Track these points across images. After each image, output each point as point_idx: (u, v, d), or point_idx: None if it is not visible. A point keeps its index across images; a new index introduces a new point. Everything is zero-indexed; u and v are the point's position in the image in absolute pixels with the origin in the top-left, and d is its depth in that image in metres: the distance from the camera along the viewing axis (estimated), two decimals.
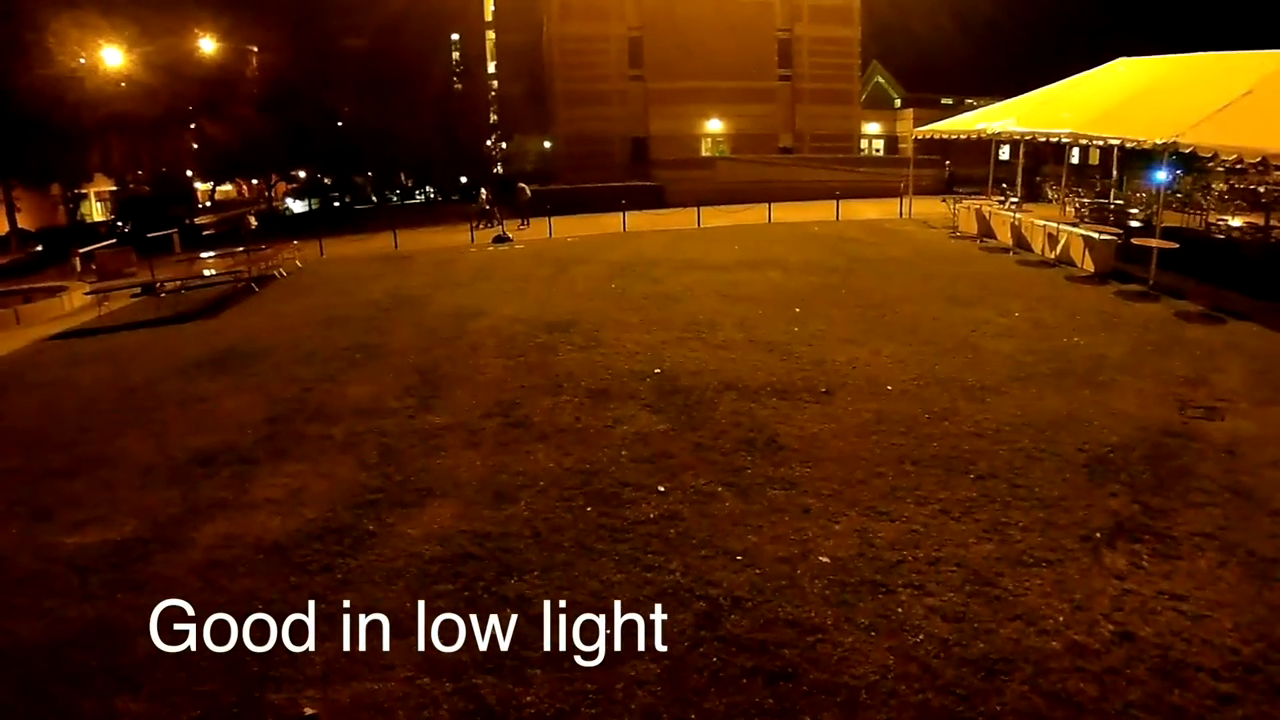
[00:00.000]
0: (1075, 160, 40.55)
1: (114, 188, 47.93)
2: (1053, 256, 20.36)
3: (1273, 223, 20.51)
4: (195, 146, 44.64)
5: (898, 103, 54.73)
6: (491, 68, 58.11)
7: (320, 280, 22.74)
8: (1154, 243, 16.99)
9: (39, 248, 37.88)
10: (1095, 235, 19.04)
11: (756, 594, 6.23)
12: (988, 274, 18.72)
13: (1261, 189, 23.60)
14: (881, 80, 55.40)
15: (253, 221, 34.43)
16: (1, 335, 19.31)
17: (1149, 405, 9.85)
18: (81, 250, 29.47)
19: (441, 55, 53.93)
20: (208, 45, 41.46)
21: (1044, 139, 22.63)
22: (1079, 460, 8.33)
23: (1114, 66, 23.42)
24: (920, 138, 28.89)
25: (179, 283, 22.87)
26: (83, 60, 35.81)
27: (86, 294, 22.77)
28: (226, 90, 42.05)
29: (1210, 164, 24.99)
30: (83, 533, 8.18)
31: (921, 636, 5.66)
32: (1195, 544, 6.78)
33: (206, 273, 23.83)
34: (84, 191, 47.25)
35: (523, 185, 34.70)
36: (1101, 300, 15.61)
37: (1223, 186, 26.82)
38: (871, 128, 52.79)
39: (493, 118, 56.33)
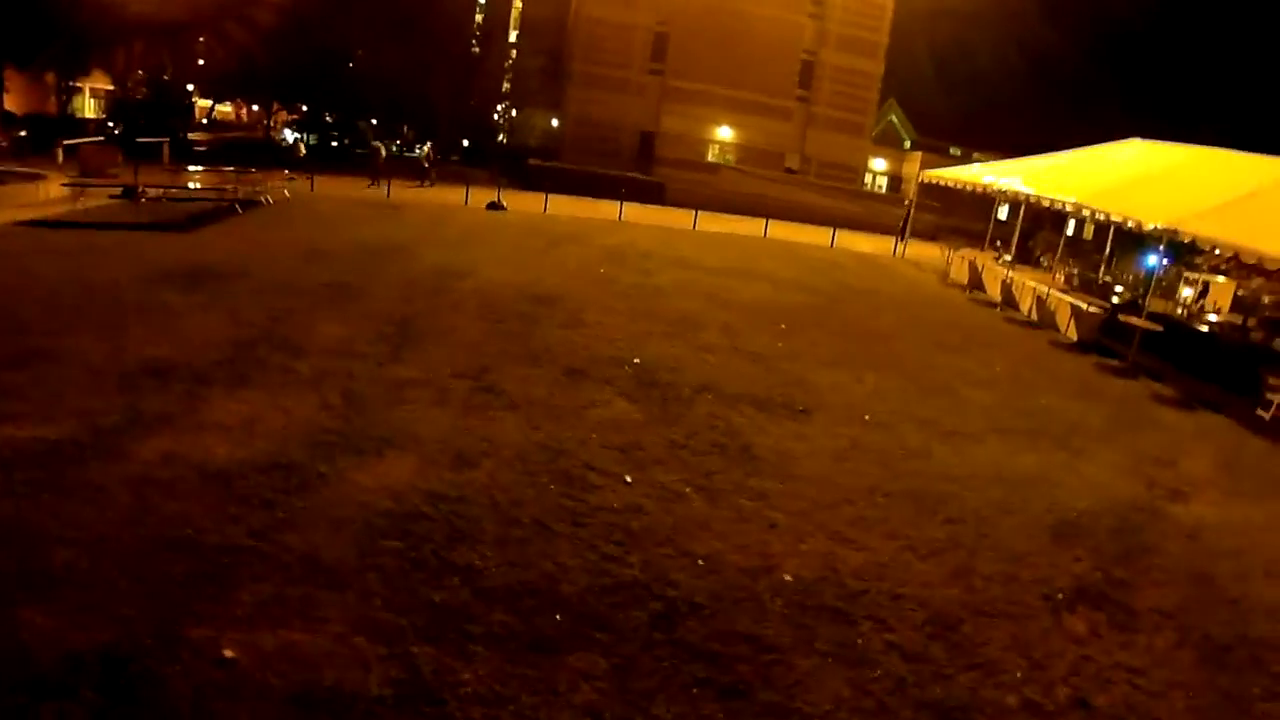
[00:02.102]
0: (1070, 232, 40.86)
1: (110, 87, 46.70)
2: (1037, 319, 20.39)
3: (1249, 323, 20.62)
4: (200, 61, 43.60)
5: (907, 144, 54.89)
6: (512, 37, 57.40)
7: (307, 214, 22.23)
8: (1139, 322, 17.02)
9: (23, 133, 36.79)
10: (1084, 306, 19.08)
11: (715, 602, 5.99)
12: (974, 325, 18.76)
13: (1241, 291, 23.74)
14: (894, 120, 55.55)
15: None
16: None
17: (1119, 477, 9.78)
18: (67, 142, 28.64)
19: (465, 15, 53.13)
20: None
21: (1048, 204, 22.66)
22: (1047, 520, 8.22)
23: (1126, 146, 23.52)
24: (925, 181, 28.85)
25: (161, 190, 22.27)
26: None
27: (64, 185, 22.02)
28: (240, 8, 41.08)
29: (1197, 259, 25.26)
30: (15, 425, 7.68)
31: (880, 672, 5.45)
32: (1154, 621, 6.63)
33: (191, 185, 23.19)
34: (79, 86, 45.95)
35: (378, 145, 34.39)
36: (1082, 369, 15.62)
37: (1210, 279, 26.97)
38: (878, 164, 52.86)
39: (505, 86, 55.60)
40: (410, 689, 4.80)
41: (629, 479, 7.99)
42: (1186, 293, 25.13)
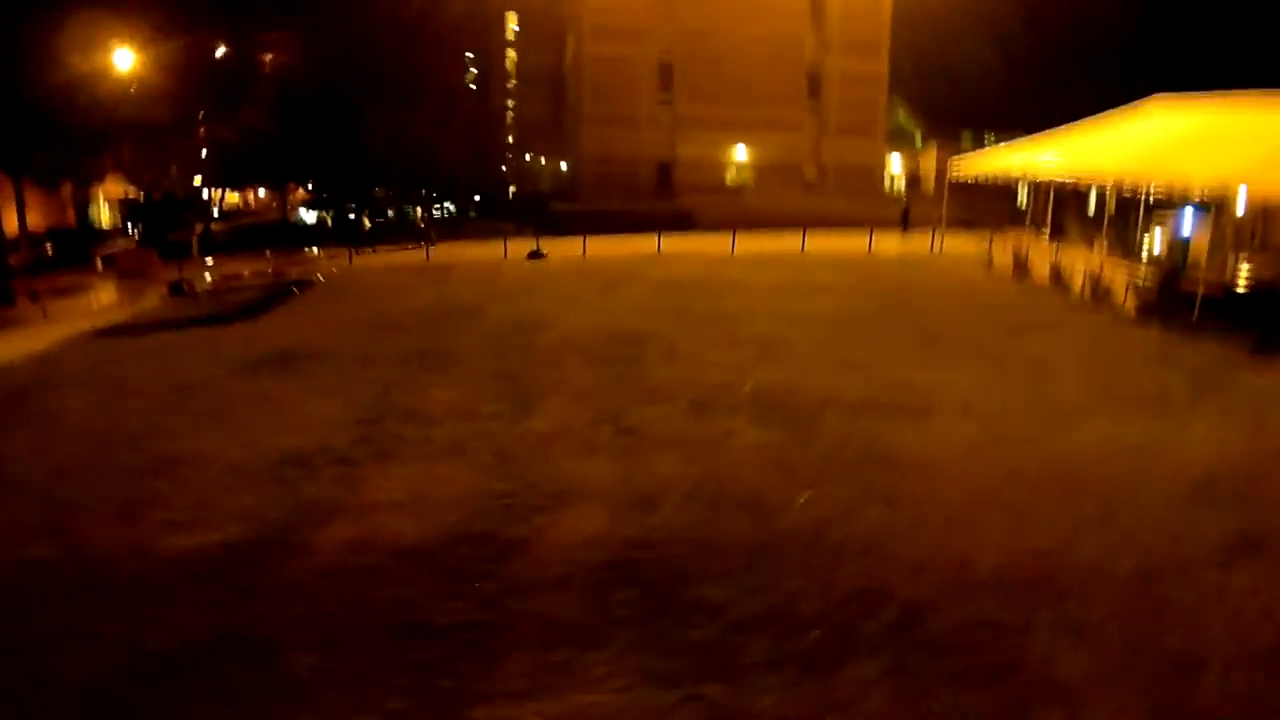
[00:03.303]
0: (1092, 207, 40.57)
1: (123, 192, 47.27)
2: (1090, 296, 20.12)
3: None
4: (204, 152, 44.04)
5: (918, 138, 54.87)
6: (508, 87, 57.97)
7: (360, 287, 22.27)
8: (1199, 287, 16.76)
9: (48, 247, 37.19)
10: (1139, 277, 18.81)
11: (942, 598, 6.05)
12: (1033, 308, 18.69)
13: None
14: (902, 117, 55.55)
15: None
16: (32, 331, 18.72)
17: (1226, 435, 9.68)
18: (104, 253, 28.92)
19: (464, 72, 53.69)
20: (220, 49, 41.06)
21: (1087, 183, 22.43)
22: (1180, 483, 8.17)
23: (1148, 106, 23.12)
24: (953, 179, 28.63)
25: (212, 283, 22.38)
26: (95, 63, 35.18)
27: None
28: (239, 95, 41.54)
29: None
30: (179, 534, 7.56)
31: (1107, 636, 5.58)
32: None
33: (242, 273, 23.30)
34: (93, 195, 46.51)
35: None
36: (1149, 340, 15.46)
37: None
38: (895, 163, 52.85)
39: (509, 138, 56.07)
40: None
41: (803, 499, 7.91)
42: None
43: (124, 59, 35.96)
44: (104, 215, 48.18)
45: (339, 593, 6.36)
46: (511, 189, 55.32)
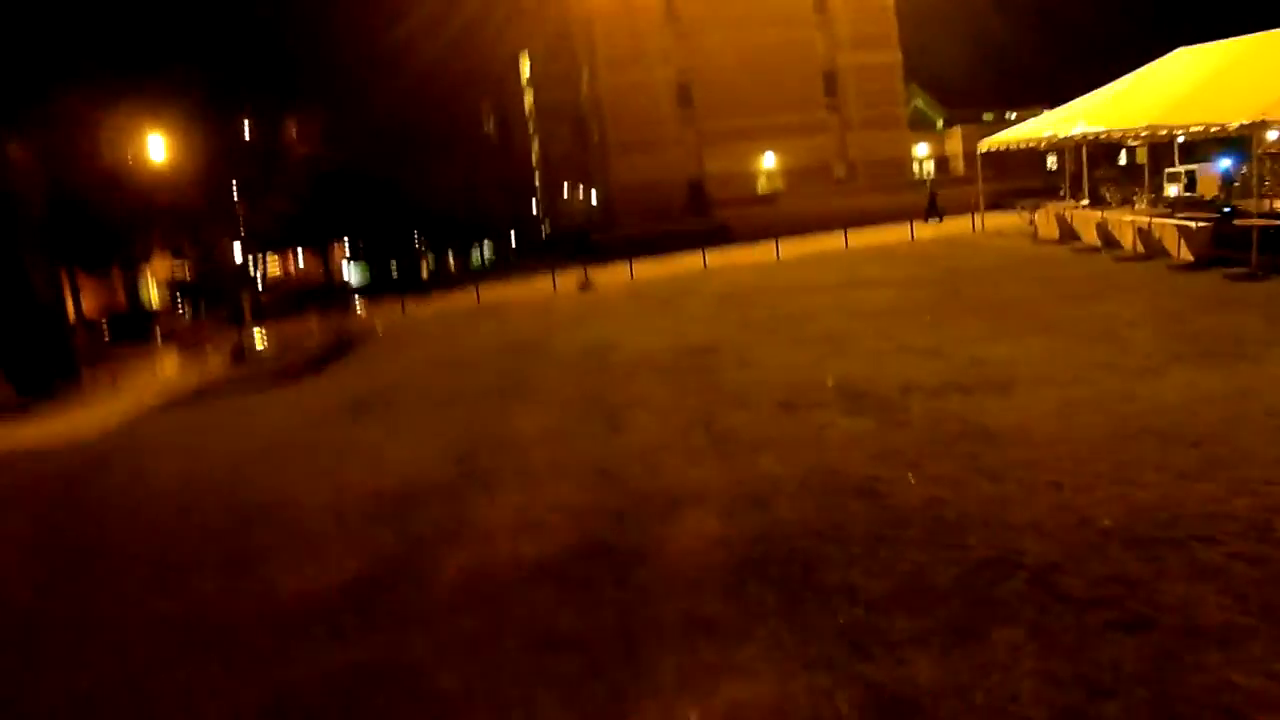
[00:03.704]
0: (1124, 161, 40.05)
1: (170, 273, 48.39)
2: (1144, 250, 19.79)
3: None
4: (242, 229, 44.96)
5: (940, 123, 54.62)
6: (530, 127, 58.61)
7: (419, 334, 22.51)
8: (1257, 222, 16.37)
9: (104, 329, 38.12)
10: (1191, 224, 18.46)
11: (1068, 557, 6.02)
12: (1090, 272, 18.45)
13: None
14: (921, 103, 55.37)
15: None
16: (103, 404, 19.07)
17: None
18: (164, 325, 29.57)
19: (486, 118, 54.44)
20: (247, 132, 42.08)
21: (1119, 136, 22.16)
22: (1275, 419, 8.08)
23: (1175, 57, 22.82)
24: (984, 151, 28.43)
25: (271, 346, 22.71)
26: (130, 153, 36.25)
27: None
28: (267, 180, 42.51)
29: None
30: (296, 578, 7.60)
31: (1231, 578, 5.50)
32: None
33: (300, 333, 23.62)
34: (140, 276, 47.64)
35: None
36: (1213, 285, 15.25)
37: None
38: (921, 149, 52.60)
39: (535, 177, 56.63)
40: (879, 706, 4.68)
41: (912, 479, 7.86)
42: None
43: (157, 147, 36.99)
44: (153, 295, 49.33)
45: (471, 616, 6.35)
46: (546, 226, 55.75)
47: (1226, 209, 18.92)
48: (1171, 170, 25.82)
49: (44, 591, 8.08)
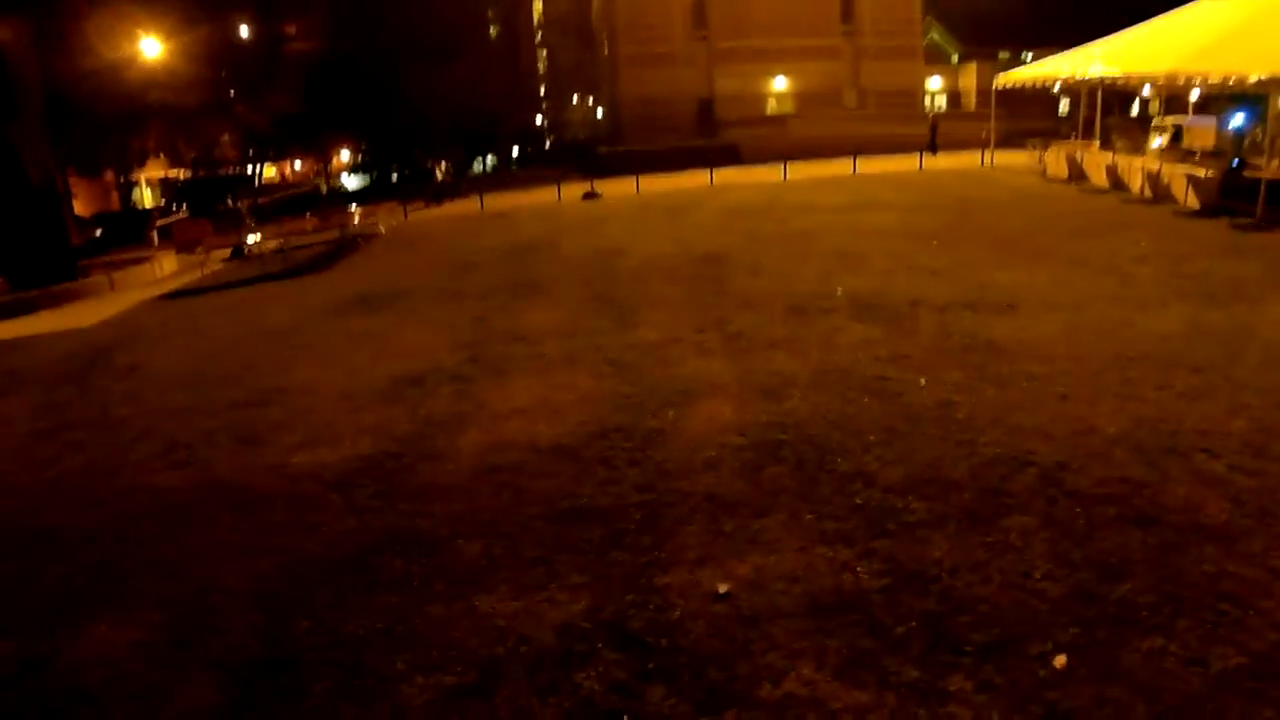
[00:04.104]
0: (1135, 111, 39.55)
1: (164, 174, 47.66)
2: (1151, 195, 19.72)
3: None
4: (239, 130, 44.03)
5: (954, 58, 53.66)
6: (537, 38, 57.43)
7: (425, 236, 22.36)
8: (1267, 173, 16.31)
9: (98, 232, 37.61)
10: (1200, 171, 18.36)
11: (1074, 458, 6.20)
12: (1096, 211, 18.38)
13: None
14: (936, 36, 54.29)
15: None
16: (101, 301, 18.90)
17: None
18: (159, 223, 29.17)
19: (492, 25, 53.25)
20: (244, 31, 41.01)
21: (1136, 81, 21.83)
22: (1274, 358, 8.18)
23: (1198, 6, 22.34)
24: (1000, 87, 28.02)
25: (274, 245, 22.49)
26: (123, 51, 35.23)
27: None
28: (265, 80, 41.53)
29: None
30: (308, 451, 7.66)
31: (1236, 488, 5.67)
32: None
33: (302, 232, 23.35)
34: (135, 179, 46.95)
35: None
36: (1217, 231, 15.26)
37: None
38: (933, 83, 51.80)
39: (542, 88, 55.67)
40: (899, 577, 4.83)
41: (922, 381, 8.00)
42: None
43: (151, 47, 36.04)
44: (147, 198, 48.68)
45: (490, 489, 6.44)
46: (549, 139, 54.98)
47: (1237, 161, 18.83)
48: (1158, 122, 25.50)
49: (48, 469, 8.04)
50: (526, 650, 4.46)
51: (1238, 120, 25.99)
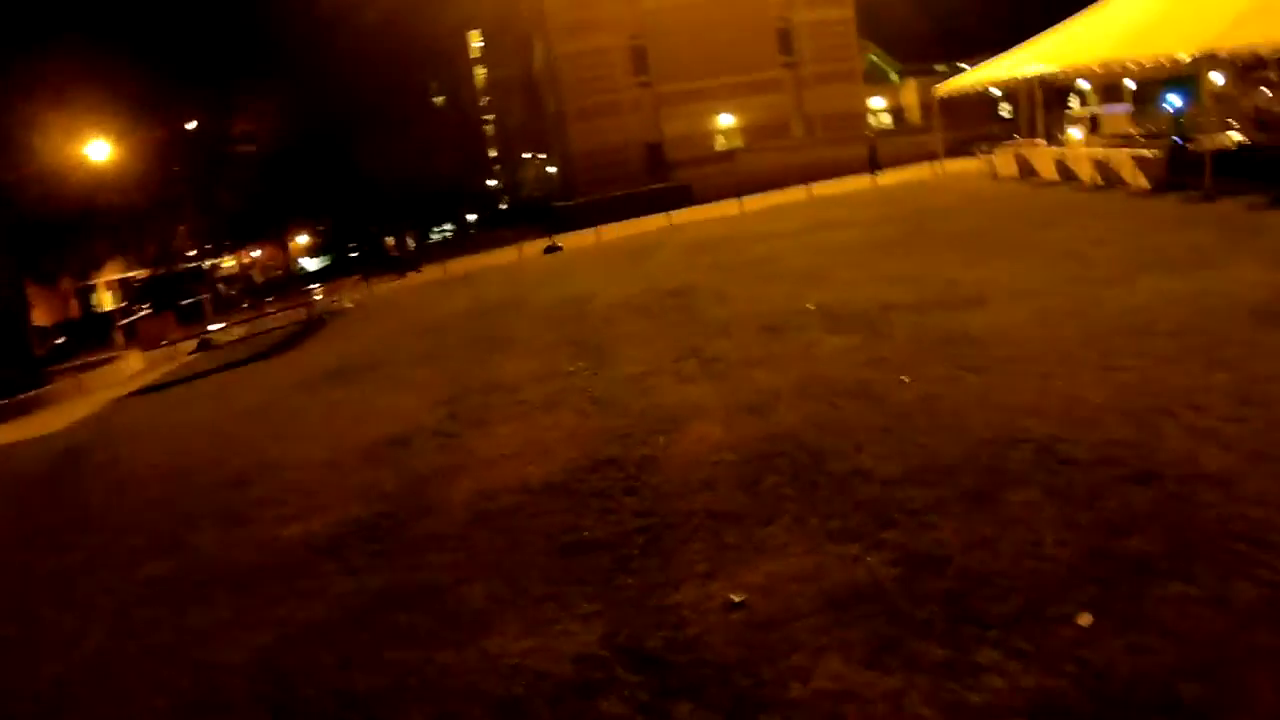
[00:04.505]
0: (1075, 104, 40.49)
1: (122, 275, 47.40)
2: (1102, 181, 20.12)
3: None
4: (188, 225, 43.85)
5: (894, 76, 54.79)
6: (483, 103, 58.00)
7: (389, 306, 22.30)
8: (1210, 147, 16.75)
9: (60, 340, 37.19)
10: (1146, 153, 18.80)
11: (1068, 431, 6.18)
12: (1051, 203, 18.70)
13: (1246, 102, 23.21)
14: (875, 58, 55.42)
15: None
16: (71, 404, 18.68)
17: (1269, 273, 9.71)
18: (122, 322, 28.95)
19: (438, 95, 53.78)
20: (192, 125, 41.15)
21: (1073, 75, 22.37)
22: (1241, 313, 8.29)
23: None
24: (941, 97, 28.61)
25: (239, 334, 22.38)
26: (70, 155, 35.09)
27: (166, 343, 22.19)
28: (215, 179, 41.63)
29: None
30: (301, 523, 7.52)
31: (1232, 431, 5.77)
32: None
33: (265, 315, 23.28)
34: (93, 283, 46.65)
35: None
36: (1170, 207, 15.57)
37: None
38: (876, 102, 52.76)
39: (491, 151, 56.13)
40: (911, 564, 4.79)
41: (905, 379, 8.00)
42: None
43: (98, 150, 35.88)
44: (107, 301, 48.27)
45: (487, 533, 6.34)
46: (505, 200, 55.35)
47: (1178, 139, 19.32)
48: (1074, 113, 26.12)
49: (35, 571, 7.86)
50: (545, 685, 4.35)
51: (1175, 101, 26.61)
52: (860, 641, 4.12)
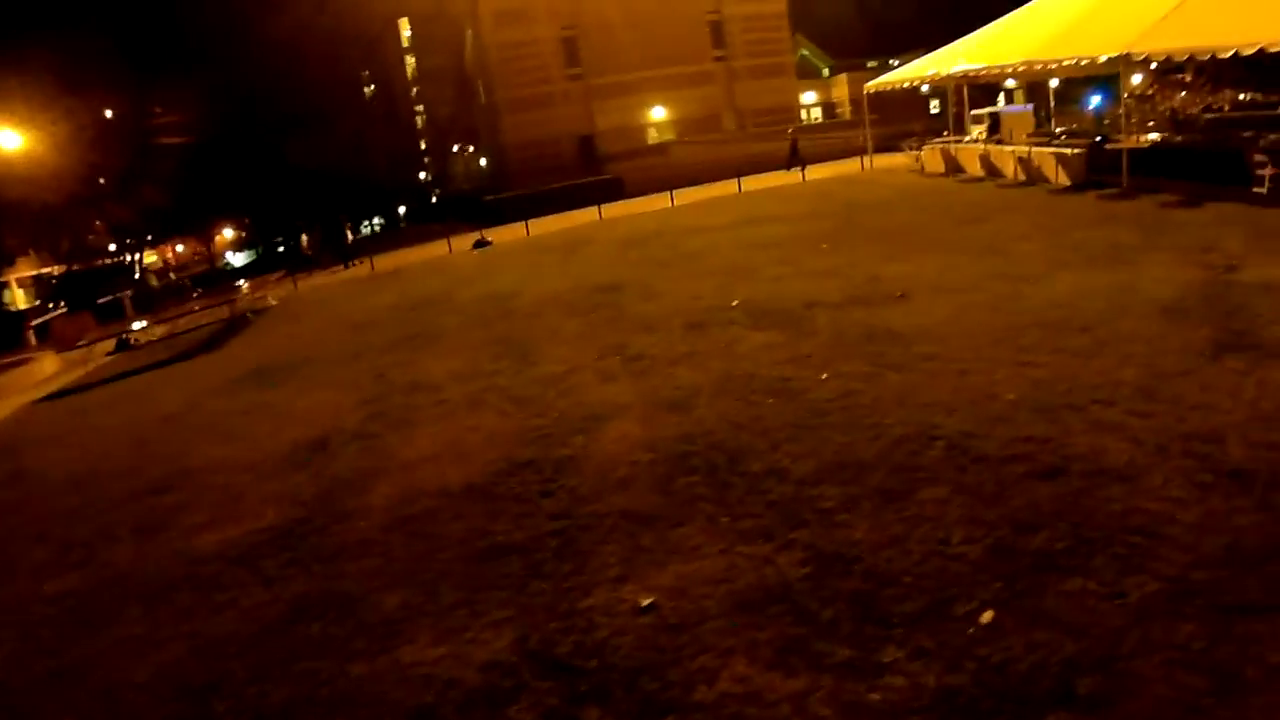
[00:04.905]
0: (1002, 101, 41.40)
1: (36, 272, 45.74)
2: (1025, 178, 20.67)
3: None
4: (111, 220, 42.48)
5: (825, 71, 55.43)
6: (413, 93, 57.09)
7: (314, 303, 21.84)
8: (1128, 144, 17.36)
9: None
10: (1067, 150, 19.36)
11: (979, 426, 6.34)
12: (976, 199, 19.08)
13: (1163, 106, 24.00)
14: (807, 52, 56.05)
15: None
16: None
17: (1180, 269, 10.07)
18: (35, 322, 27.90)
19: (366, 87, 52.84)
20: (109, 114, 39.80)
21: (997, 74, 22.89)
22: (1153, 310, 8.56)
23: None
24: (871, 92, 29.00)
25: (159, 333, 21.76)
26: None
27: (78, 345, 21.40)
28: (135, 174, 40.30)
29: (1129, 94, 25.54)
30: (215, 531, 7.33)
31: (1147, 421, 6.00)
32: None
33: (187, 316, 22.66)
34: (4, 280, 44.94)
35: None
36: (1088, 204, 16.01)
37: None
38: (808, 97, 53.31)
39: (422, 143, 55.34)
40: (820, 563, 4.84)
41: (824, 376, 8.10)
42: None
43: (8, 139, 34.50)
44: (19, 299, 46.50)
45: (403, 539, 6.25)
46: (435, 194, 54.65)
47: (1099, 138, 19.92)
48: (976, 112, 26.84)
49: None
50: (455, 693, 4.30)
51: (1095, 101, 27.30)
52: (767, 643, 4.15)
